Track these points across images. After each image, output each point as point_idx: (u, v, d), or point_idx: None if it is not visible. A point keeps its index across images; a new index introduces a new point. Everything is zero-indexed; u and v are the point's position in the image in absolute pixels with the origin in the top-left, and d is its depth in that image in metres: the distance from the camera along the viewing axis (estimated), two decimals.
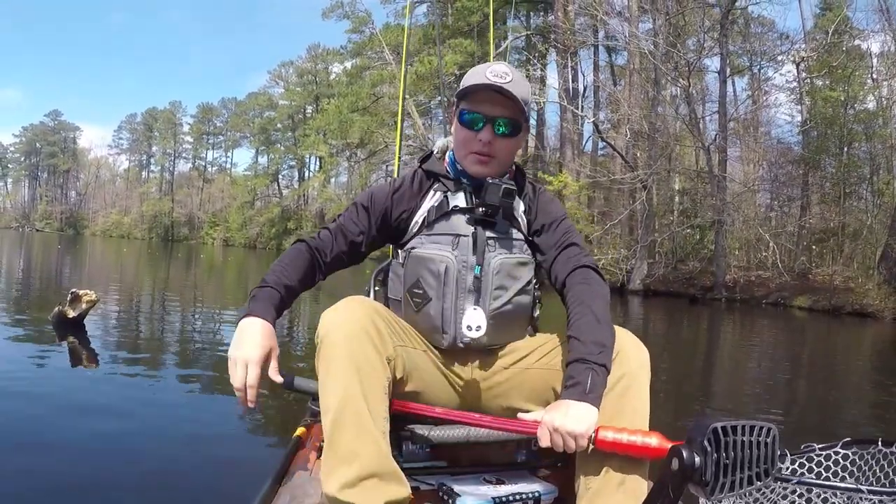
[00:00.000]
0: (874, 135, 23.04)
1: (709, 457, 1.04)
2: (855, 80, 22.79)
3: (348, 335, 1.39)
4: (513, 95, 1.60)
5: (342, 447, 1.34)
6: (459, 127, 1.68)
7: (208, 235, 72.84)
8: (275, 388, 1.49)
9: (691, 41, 23.88)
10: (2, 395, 3.82)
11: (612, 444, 1.33)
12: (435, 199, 1.71)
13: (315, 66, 65.09)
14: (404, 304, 1.67)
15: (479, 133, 1.64)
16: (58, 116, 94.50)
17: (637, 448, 1.31)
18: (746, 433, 1.08)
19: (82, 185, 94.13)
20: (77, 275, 14.57)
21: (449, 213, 1.68)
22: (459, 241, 1.64)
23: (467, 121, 1.65)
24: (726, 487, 1.06)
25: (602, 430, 1.34)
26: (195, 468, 3.00)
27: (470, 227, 1.66)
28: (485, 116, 1.63)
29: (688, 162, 26.07)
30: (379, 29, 37.82)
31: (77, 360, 5.02)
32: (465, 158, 1.69)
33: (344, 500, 1.31)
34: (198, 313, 8.87)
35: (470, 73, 1.68)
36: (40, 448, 3.03)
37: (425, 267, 1.64)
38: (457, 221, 1.67)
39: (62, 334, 5.69)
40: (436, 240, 1.66)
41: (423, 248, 1.65)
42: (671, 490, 1.10)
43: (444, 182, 1.73)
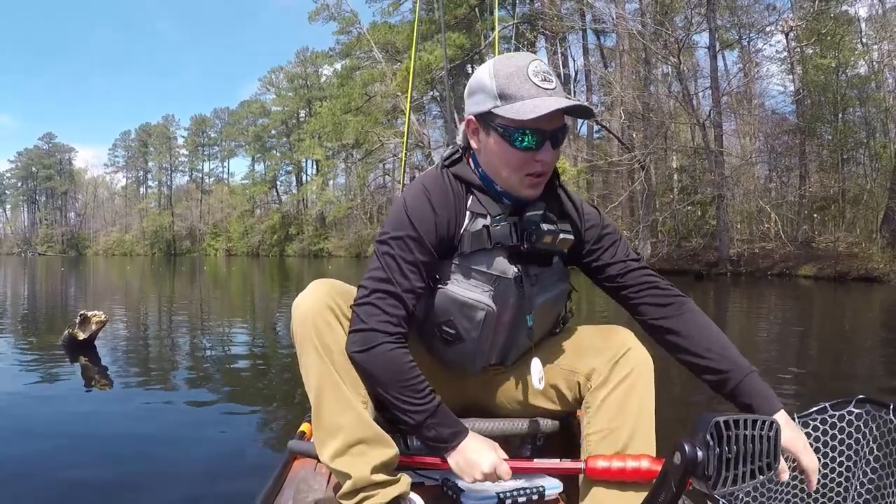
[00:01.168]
0: (868, 99, 23.02)
1: (711, 451, 1.05)
2: (845, 45, 22.75)
3: (313, 312, 1.40)
4: (581, 112, 1.42)
5: (326, 421, 1.38)
6: (508, 147, 1.39)
7: (211, 247, 73.08)
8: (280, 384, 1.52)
9: (679, 18, 23.86)
10: (18, 418, 3.86)
11: (604, 472, 1.41)
12: (473, 224, 1.46)
13: (305, 69, 65.19)
14: (429, 333, 1.55)
15: (539, 153, 1.39)
16: (52, 139, 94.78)
17: (629, 473, 1.39)
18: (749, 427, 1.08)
19: (81, 206, 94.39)
20: (82, 296, 14.63)
21: (489, 249, 1.46)
22: (500, 284, 1.47)
23: (523, 141, 1.37)
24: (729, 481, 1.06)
25: (591, 459, 1.42)
26: (200, 466, 3.05)
27: (512, 268, 1.47)
28: (545, 133, 1.37)
29: (684, 139, 26.06)
30: (366, 28, 37.83)
31: (90, 380, 5.07)
32: (519, 183, 1.43)
33: (337, 469, 1.38)
34: (204, 326, 8.92)
35: (503, 78, 1.38)
36: (54, 456, 3.07)
37: (460, 310, 1.48)
38: (499, 261, 1.46)
39: (74, 356, 5.73)
40: (473, 277, 1.46)
41: (459, 287, 1.47)
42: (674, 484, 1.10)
43: (479, 199, 1.47)
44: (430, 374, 1.56)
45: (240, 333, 8.03)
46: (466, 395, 1.68)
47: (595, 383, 1.49)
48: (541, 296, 1.52)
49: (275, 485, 1.76)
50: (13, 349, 6.49)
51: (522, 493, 1.55)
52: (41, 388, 4.62)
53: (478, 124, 1.44)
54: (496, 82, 1.37)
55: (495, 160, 1.43)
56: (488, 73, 1.40)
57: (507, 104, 1.36)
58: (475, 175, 1.48)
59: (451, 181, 1.47)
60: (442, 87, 33.73)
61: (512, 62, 1.38)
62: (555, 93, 1.36)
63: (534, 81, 1.35)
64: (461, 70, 32.25)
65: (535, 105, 1.33)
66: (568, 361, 1.57)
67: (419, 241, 1.40)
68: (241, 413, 4.03)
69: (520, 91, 1.35)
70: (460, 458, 1.40)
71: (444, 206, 1.44)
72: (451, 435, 1.40)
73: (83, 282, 21.39)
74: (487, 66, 1.42)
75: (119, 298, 13.27)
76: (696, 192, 24.31)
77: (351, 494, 1.39)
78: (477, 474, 1.38)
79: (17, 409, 4.08)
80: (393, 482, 1.41)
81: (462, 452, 1.40)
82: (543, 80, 1.36)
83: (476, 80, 1.43)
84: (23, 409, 4.09)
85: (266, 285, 20.12)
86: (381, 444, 1.40)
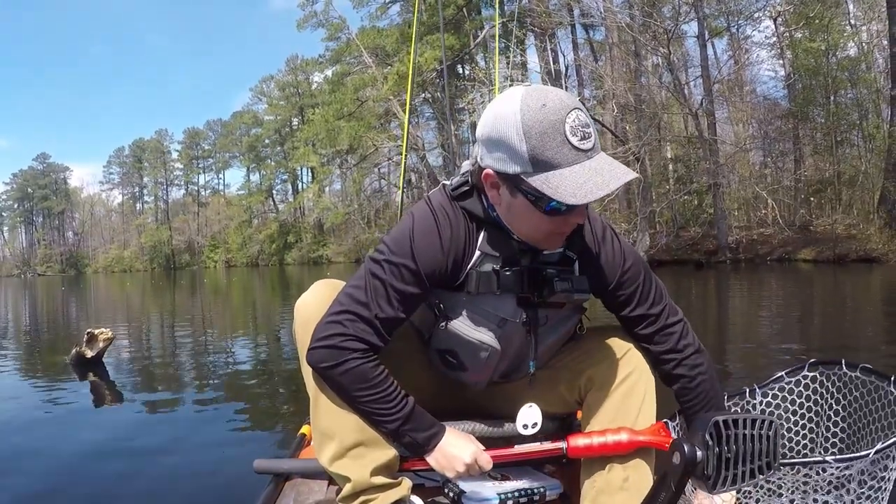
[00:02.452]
0: (859, 80, 23.05)
1: (710, 451, 1.06)
2: (833, 28, 22.77)
3: (315, 314, 1.37)
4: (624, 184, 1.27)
5: (323, 423, 1.38)
6: (537, 212, 1.25)
7: (210, 259, 73.01)
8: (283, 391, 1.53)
9: (667, 9, 23.87)
10: (31, 437, 3.89)
11: (586, 450, 1.42)
12: (482, 265, 1.37)
13: (296, 77, 65.16)
14: (431, 353, 1.52)
15: (571, 217, 1.26)
16: (46, 159, 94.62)
17: (609, 447, 1.40)
18: (748, 427, 1.09)
19: (78, 225, 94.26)
20: (84, 315, 14.63)
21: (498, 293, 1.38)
22: (506, 326, 1.41)
23: (556, 206, 1.22)
24: (728, 481, 1.07)
25: (572, 438, 1.43)
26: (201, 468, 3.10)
27: (521, 312, 1.41)
28: None
29: (677, 129, 26.08)
30: (355, 33, 37.85)
31: (101, 397, 5.12)
32: (544, 241, 1.34)
33: (336, 472, 1.38)
34: (207, 338, 8.95)
35: (535, 138, 1.16)
36: (64, 472, 3.12)
37: (464, 347, 1.43)
38: (506, 303, 1.39)
39: (83, 374, 5.76)
40: (479, 316, 1.40)
41: (463, 324, 1.40)
42: (673, 484, 1.11)
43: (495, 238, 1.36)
44: (430, 377, 1.58)
45: (242, 343, 8.06)
46: (466, 397, 1.65)
47: (595, 384, 1.48)
48: (550, 335, 1.48)
49: (276, 487, 1.77)
50: (22, 370, 6.52)
51: (523, 495, 1.54)
52: (53, 407, 4.65)
53: (499, 181, 1.26)
54: (528, 145, 1.16)
55: (520, 221, 1.30)
56: (515, 128, 1.17)
57: (542, 173, 1.18)
58: (488, 214, 1.35)
59: (463, 216, 1.36)
60: (434, 88, 33.77)
61: (545, 116, 1.16)
62: (594, 152, 1.19)
63: (572, 143, 1.16)
64: (451, 71, 32.28)
65: (580, 182, 1.16)
66: (570, 363, 1.55)
67: (416, 273, 1.31)
68: (244, 417, 4.09)
69: (556, 157, 1.16)
70: (439, 456, 1.39)
71: (454, 243, 1.33)
72: (426, 438, 1.39)
73: (85, 301, 21.38)
74: (512, 112, 1.18)
75: (122, 315, 13.28)
76: (692, 182, 24.34)
77: (351, 497, 1.38)
78: (459, 467, 1.38)
79: (31, 428, 4.11)
80: (393, 485, 1.40)
81: (440, 450, 1.39)
82: (583, 140, 1.17)
83: (498, 132, 1.21)
84: (36, 427, 4.13)
85: (267, 295, 20.13)
86: (381, 447, 1.38)
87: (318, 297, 1.40)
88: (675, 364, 1.48)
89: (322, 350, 1.31)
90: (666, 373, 1.50)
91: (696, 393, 1.49)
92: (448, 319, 1.41)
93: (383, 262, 1.32)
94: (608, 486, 1.41)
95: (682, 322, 1.50)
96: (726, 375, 4.49)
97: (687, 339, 1.49)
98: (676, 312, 1.51)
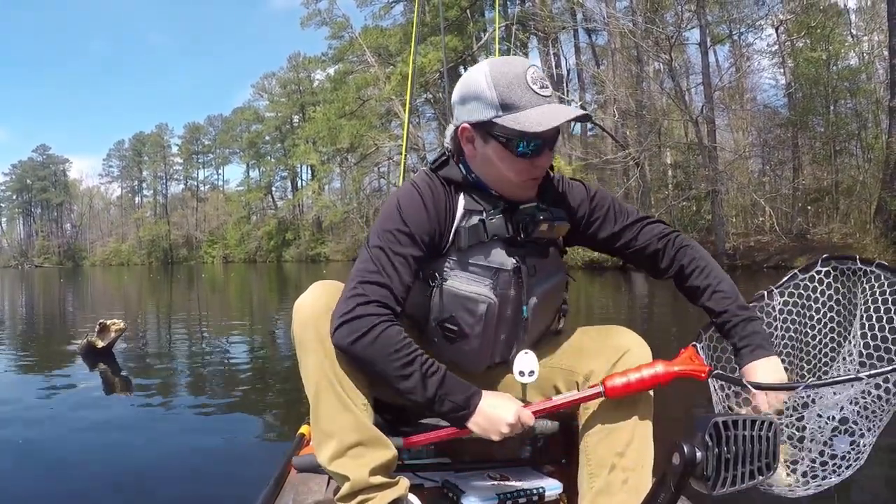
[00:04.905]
0: (858, 90, 23.14)
1: (710, 451, 1.05)
2: (835, 38, 22.88)
3: (314, 314, 1.38)
4: (583, 120, 1.44)
5: (323, 423, 1.38)
6: (509, 155, 1.41)
7: (208, 254, 72.93)
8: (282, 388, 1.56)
9: (669, 15, 23.97)
10: (42, 427, 3.95)
11: (624, 389, 1.39)
12: (468, 220, 1.47)
13: (297, 74, 65.14)
14: (431, 332, 1.52)
15: (538, 158, 1.42)
16: (46, 151, 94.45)
17: (647, 382, 1.38)
18: (747, 427, 1.09)
19: (77, 217, 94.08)
20: (85, 307, 14.67)
21: (486, 242, 1.46)
22: (500, 276, 1.47)
23: (525, 149, 1.39)
24: (728, 482, 1.07)
25: (608, 379, 1.40)
26: (201, 468, 3.12)
27: (511, 260, 1.47)
28: (545, 140, 1.41)
29: (677, 135, 26.17)
30: (358, 32, 37.90)
31: (111, 386, 5.22)
32: (518, 187, 1.47)
33: (334, 471, 1.38)
34: (207, 333, 9.01)
35: (502, 87, 1.37)
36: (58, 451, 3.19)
37: (462, 305, 1.46)
38: (496, 253, 1.46)
39: (93, 364, 5.83)
40: (472, 271, 1.46)
41: (458, 281, 1.46)
42: (673, 485, 1.11)
43: (476, 197, 1.49)
44: None
45: (242, 340, 8.10)
46: None
47: (593, 381, 1.47)
48: (540, 286, 1.52)
49: (275, 486, 1.78)
50: (29, 361, 6.58)
51: (523, 494, 1.54)
52: (65, 396, 4.72)
53: (474, 132, 1.44)
54: (497, 91, 1.36)
55: (495, 168, 1.44)
56: (485, 81, 1.38)
57: (510, 114, 1.36)
58: (465, 178, 1.49)
59: (441, 182, 1.48)
60: (436, 89, 33.82)
61: (509, 69, 1.38)
62: (552, 99, 1.40)
63: (534, 90, 1.36)
64: (454, 72, 32.33)
65: (542, 114, 1.35)
66: (567, 362, 1.56)
67: (410, 235, 1.40)
68: (244, 417, 4.13)
69: (521, 101, 1.36)
70: (480, 419, 1.36)
71: (435, 204, 1.44)
72: (466, 400, 1.36)
73: (82, 293, 21.40)
74: (482, 72, 1.40)
75: (124, 309, 13.32)
76: (691, 188, 24.43)
77: (349, 497, 1.38)
78: (503, 428, 1.35)
79: (41, 417, 4.17)
80: (391, 484, 1.40)
81: (481, 412, 1.36)
82: (542, 88, 1.38)
83: (470, 88, 1.42)
84: (47, 416, 4.18)
85: (265, 291, 20.16)
86: (379, 446, 1.39)
87: (317, 298, 1.40)
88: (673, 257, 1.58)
89: (348, 324, 1.32)
90: (684, 282, 1.57)
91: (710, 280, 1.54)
92: (444, 282, 1.46)
93: (380, 235, 1.41)
94: (608, 487, 1.40)
95: (663, 224, 1.63)
96: None
97: (673, 234, 1.61)
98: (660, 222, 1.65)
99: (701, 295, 1.55)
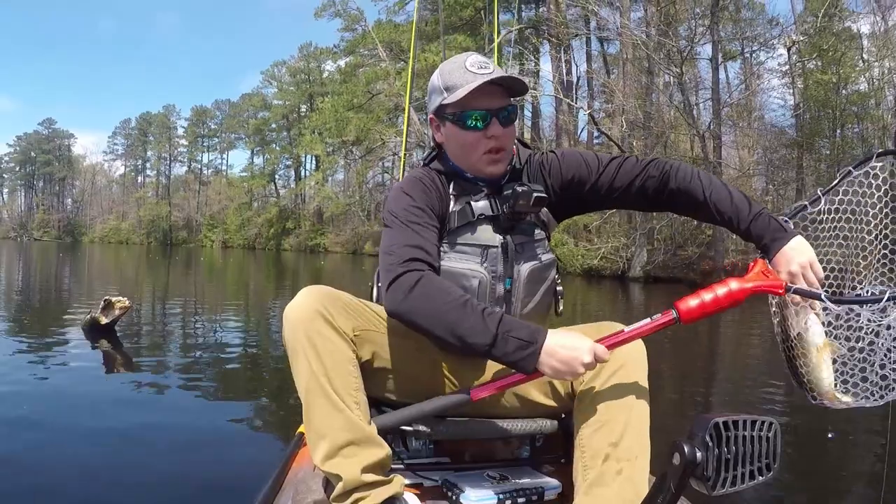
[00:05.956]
0: (866, 116, 23.17)
1: (710, 452, 1.06)
2: (846, 62, 22.90)
3: (303, 317, 1.41)
4: (511, 81, 1.56)
5: (316, 424, 1.41)
6: (461, 131, 1.57)
7: (207, 238, 72.79)
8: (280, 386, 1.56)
9: (682, 28, 24.00)
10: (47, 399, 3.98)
11: (700, 309, 1.36)
12: (456, 204, 1.61)
13: (308, 64, 65.03)
14: None
15: (488, 130, 1.55)
16: (51, 124, 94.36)
17: (722, 300, 1.36)
18: (748, 428, 1.09)
19: (78, 193, 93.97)
20: (79, 283, 14.69)
21: (474, 222, 1.59)
22: (488, 253, 1.57)
23: (472, 122, 1.55)
24: (728, 482, 1.07)
25: (681, 303, 1.37)
26: (199, 467, 3.13)
27: (498, 237, 1.58)
28: (488, 111, 1.54)
29: (683, 149, 26.17)
30: (371, 26, 37.87)
31: (113, 363, 5.25)
32: (478, 162, 1.59)
33: (328, 470, 1.41)
34: (203, 316, 9.03)
35: (446, 74, 1.58)
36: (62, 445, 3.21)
37: (456, 282, 1.53)
38: (483, 231, 1.59)
39: (95, 340, 5.86)
40: (462, 251, 1.57)
41: (450, 261, 1.56)
42: (673, 485, 1.10)
43: (461, 184, 1.63)
44: (431, 374, 1.61)
45: (240, 330, 8.09)
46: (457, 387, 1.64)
47: (587, 377, 1.47)
48: (527, 263, 1.60)
49: (274, 486, 1.79)
50: (28, 336, 6.60)
51: (522, 494, 1.54)
52: (66, 371, 4.76)
53: (437, 120, 1.63)
54: (441, 79, 1.58)
55: (454, 146, 1.61)
56: (437, 74, 1.60)
57: (451, 94, 1.54)
58: (449, 167, 1.64)
59: (435, 173, 1.64)
60: None
61: (453, 60, 1.58)
62: (491, 75, 1.52)
63: (471, 70, 1.53)
64: None
65: (470, 85, 1.50)
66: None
67: (421, 207, 1.53)
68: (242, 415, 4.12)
69: (459, 80, 1.53)
70: (553, 361, 1.33)
71: (435, 188, 1.59)
72: (530, 335, 1.34)
73: (83, 269, 21.40)
74: (437, 70, 1.62)
75: (115, 286, 13.33)
76: None
77: (343, 496, 1.40)
78: (579, 368, 1.32)
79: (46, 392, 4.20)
80: (385, 482, 1.42)
81: (552, 354, 1.32)
82: (480, 68, 1.53)
83: (431, 85, 1.62)
84: (50, 391, 4.22)
85: (264, 279, 20.16)
86: (372, 445, 1.41)
87: (306, 302, 1.43)
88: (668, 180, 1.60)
89: (394, 285, 1.40)
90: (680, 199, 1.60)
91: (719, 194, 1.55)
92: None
93: (394, 213, 1.54)
94: (601, 478, 1.40)
95: (636, 158, 1.68)
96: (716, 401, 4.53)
97: (651, 163, 1.63)
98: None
99: (700, 209, 1.58)
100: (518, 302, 1.61)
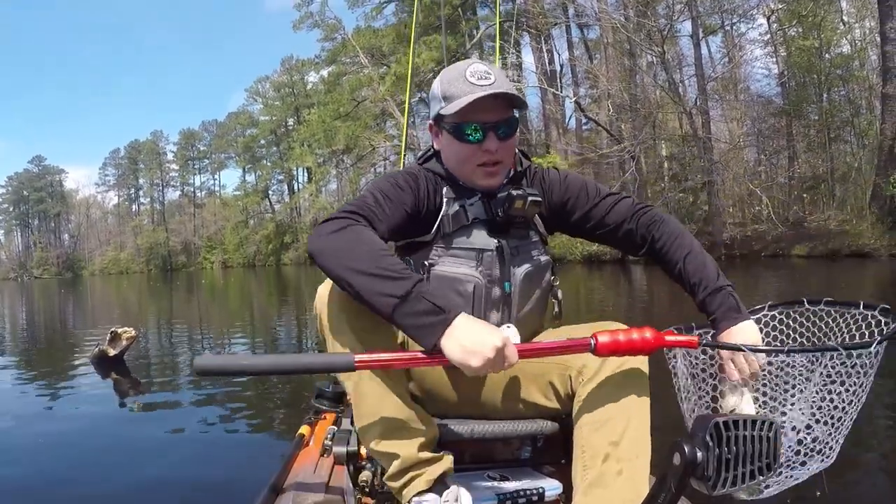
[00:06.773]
0: (851, 77, 23.22)
1: (710, 452, 1.05)
2: (826, 25, 22.95)
3: (342, 300, 1.37)
4: (511, 96, 1.51)
5: (368, 407, 1.40)
6: (456, 142, 1.54)
7: (206, 260, 72.88)
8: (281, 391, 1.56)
9: (661, 7, 24.02)
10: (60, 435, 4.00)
11: (613, 345, 1.30)
12: (450, 207, 1.57)
13: (291, 77, 65.09)
14: None
15: (484, 144, 1.52)
16: (41, 161, 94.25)
17: (636, 343, 1.30)
18: (748, 428, 1.09)
19: (74, 227, 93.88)
20: (83, 318, 14.71)
21: (468, 226, 1.56)
22: (483, 257, 1.55)
23: (467, 135, 1.51)
24: (728, 482, 1.07)
25: (600, 335, 1.31)
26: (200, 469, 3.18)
27: (493, 241, 1.56)
28: (485, 125, 1.51)
29: (672, 127, 26.23)
30: (350, 33, 37.91)
31: (124, 394, 5.31)
32: (473, 174, 1.57)
33: (383, 451, 1.42)
34: (208, 337, 9.07)
35: (445, 83, 1.54)
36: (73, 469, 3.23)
37: (450, 287, 1.52)
38: (478, 235, 1.56)
39: (105, 372, 5.88)
40: (456, 255, 1.54)
41: (445, 265, 1.54)
42: (673, 485, 1.10)
43: (453, 188, 1.59)
44: (427, 375, 1.60)
45: (246, 347, 8.15)
46: (461, 396, 1.63)
47: (586, 376, 1.46)
48: (523, 266, 1.58)
49: (274, 489, 1.78)
50: (38, 372, 6.62)
51: (522, 495, 1.53)
52: (78, 404, 4.78)
53: (435, 127, 1.62)
54: (441, 87, 1.55)
55: (450, 156, 1.58)
56: (437, 81, 1.57)
57: (449, 104, 1.51)
58: (444, 171, 1.61)
59: (427, 175, 1.59)
60: (429, 88, 33.79)
61: (455, 68, 1.55)
62: (491, 87, 1.48)
63: (470, 81, 1.49)
64: None
65: (467, 98, 1.47)
66: (561, 356, 1.52)
67: (401, 188, 1.51)
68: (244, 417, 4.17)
69: (458, 91, 1.50)
70: (457, 343, 1.20)
71: (424, 184, 1.56)
72: (446, 304, 1.23)
73: (85, 303, 21.43)
74: (438, 77, 1.59)
75: (117, 317, 13.36)
76: (687, 179, 24.48)
77: (399, 475, 1.42)
78: (488, 352, 1.19)
79: (60, 426, 4.22)
80: (437, 458, 1.45)
81: (459, 334, 1.20)
82: (480, 79, 1.49)
83: (432, 91, 1.60)
84: (67, 423, 4.25)
85: (264, 296, 20.19)
86: (424, 423, 1.44)
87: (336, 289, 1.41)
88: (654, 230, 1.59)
89: (320, 226, 1.36)
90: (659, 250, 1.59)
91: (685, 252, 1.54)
92: (432, 268, 1.53)
93: (372, 186, 1.52)
94: (601, 478, 1.38)
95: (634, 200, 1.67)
96: None
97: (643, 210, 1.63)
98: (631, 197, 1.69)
99: (673, 269, 1.57)
100: (515, 306, 1.59)
